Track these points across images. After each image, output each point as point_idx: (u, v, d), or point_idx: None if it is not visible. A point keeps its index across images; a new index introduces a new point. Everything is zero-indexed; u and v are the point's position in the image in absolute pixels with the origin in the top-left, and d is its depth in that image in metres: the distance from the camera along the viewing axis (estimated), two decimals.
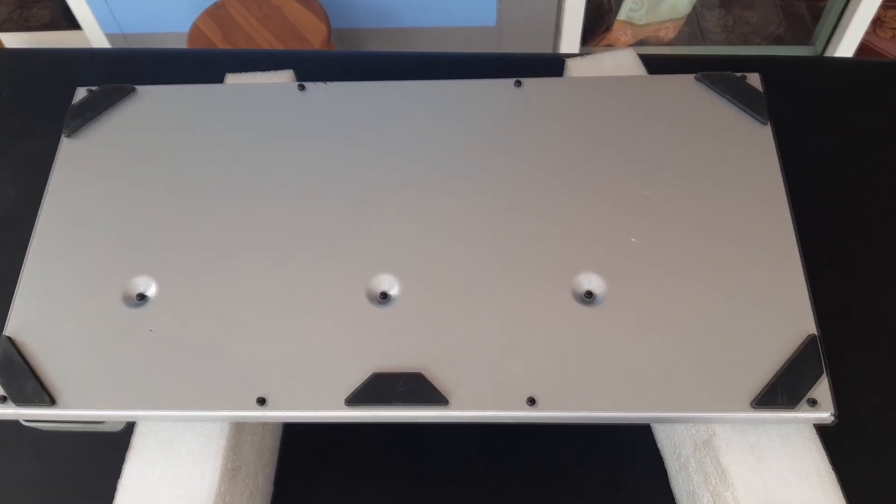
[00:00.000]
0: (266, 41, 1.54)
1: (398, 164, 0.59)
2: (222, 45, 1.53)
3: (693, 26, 2.13)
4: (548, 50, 1.89)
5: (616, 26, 1.96)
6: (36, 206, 0.58)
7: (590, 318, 0.52)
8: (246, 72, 0.71)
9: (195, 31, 1.56)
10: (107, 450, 0.59)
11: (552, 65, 0.76)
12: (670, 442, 0.57)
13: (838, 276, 0.67)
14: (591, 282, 0.53)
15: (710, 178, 0.57)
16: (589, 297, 0.53)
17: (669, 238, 0.54)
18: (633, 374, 0.50)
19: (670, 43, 2.05)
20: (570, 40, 1.81)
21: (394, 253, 0.55)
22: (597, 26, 1.96)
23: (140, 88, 0.62)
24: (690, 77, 0.61)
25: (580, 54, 0.72)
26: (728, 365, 0.50)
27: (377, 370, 0.50)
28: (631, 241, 0.54)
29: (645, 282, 0.53)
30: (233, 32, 1.56)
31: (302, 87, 0.62)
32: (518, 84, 0.62)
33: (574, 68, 0.70)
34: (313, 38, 1.53)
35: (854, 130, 0.75)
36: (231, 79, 0.70)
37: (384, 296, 0.53)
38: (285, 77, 0.69)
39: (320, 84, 0.62)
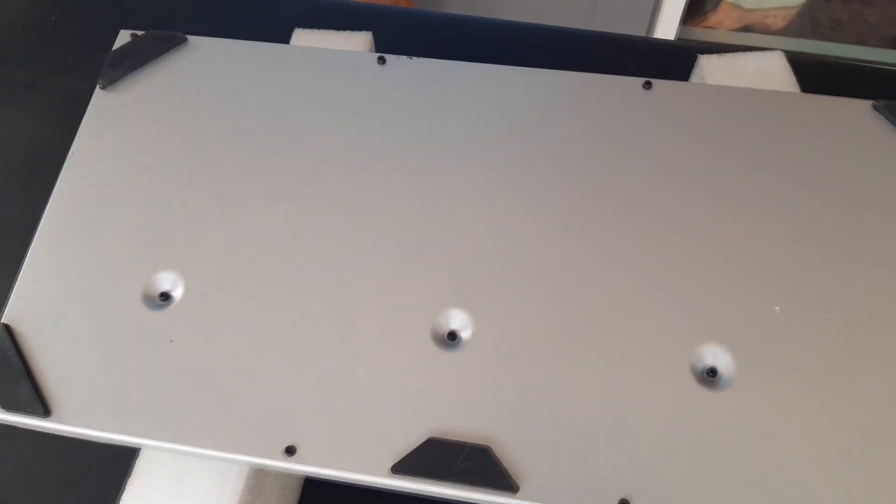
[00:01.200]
0: None
1: (490, 171, 0.48)
2: None
3: (804, 17, 1.93)
4: (643, 25, 1.72)
5: (722, 7, 1.78)
6: (67, 150, 0.49)
7: (710, 404, 0.41)
8: (317, 28, 0.60)
9: None
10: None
11: (676, 56, 0.64)
12: None
13: None
14: (716, 357, 0.42)
15: (883, 240, 0.44)
16: (712, 376, 0.42)
17: (825, 314, 0.43)
18: (760, 481, 0.39)
19: (777, 33, 1.86)
20: (669, 19, 1.64)
21: (472, 284, 0.44)
22: (700, 4, 1.79)
23: (192, 39, 0.52)
24: (866, 104, 0.48)
25: (716, 51, 0.59)
26: (887, 488, 0.39)
27: (434, 433, 0.40)
28: (773, 311, 0.43)
29: (785, 364, 0.41)
30: None
31: (382, 61, 0.51)
32: (648, 86, 0.50)
33: (707, 68, 0.58)
34: None
35: None
36: (299, 35, 0.59)
37: (453, 336, 0.43)
38: (362, 40, 0.59)
39: (403, 58, 0.51)
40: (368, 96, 0.50)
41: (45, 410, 0.42)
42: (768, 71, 0.58)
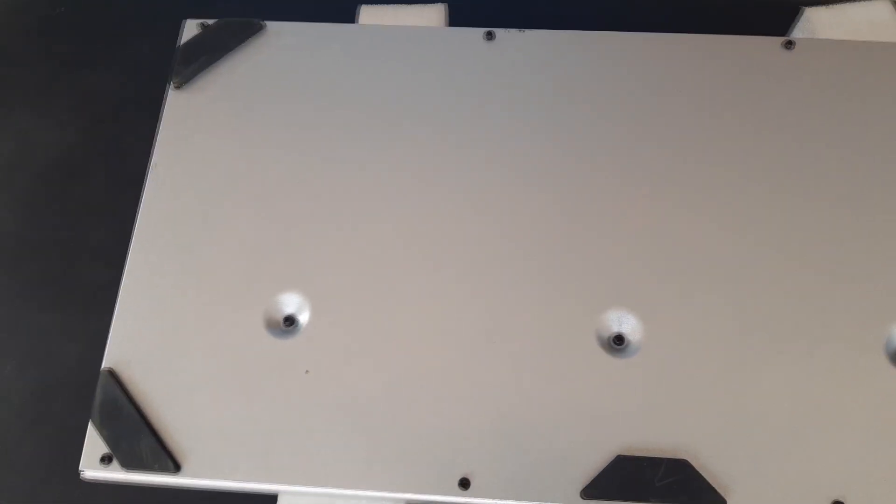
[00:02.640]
0: None
1: (635, 149, 0.43)
2: None
3: None
4: None
5: None
6: (101, 156, 0.43)
7: None
8: (384, 3, 0.54)
9: None
10: None
11: (778, 8, 0.59)
12: None
13: None
14: None
15: None
16: None
17: None
18: None
19: None
20: None
21: (634, 279, 0.40)
22: None
23: (271, 25, 0.46)
24: None
25: (822, 2, 0.55)
26: None
27: (622, 450, 0.37)
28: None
29: None
30: None
31: (490, 36, 0.46)
32: (790, 46, 0.45)
33: (816, 20, 0.54)
34: None
35: None
36: (367, 13, 0.53)
37: (620, 340, 0.39)
38: (436, 14, 0.53)
39: (514, 31, 0.46)
40: (481, 77, 0.45)
41: (174, 466, 0.36)
42: (876, 21, 0.54)
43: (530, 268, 0.40)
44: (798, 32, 0.57)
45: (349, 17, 0.52)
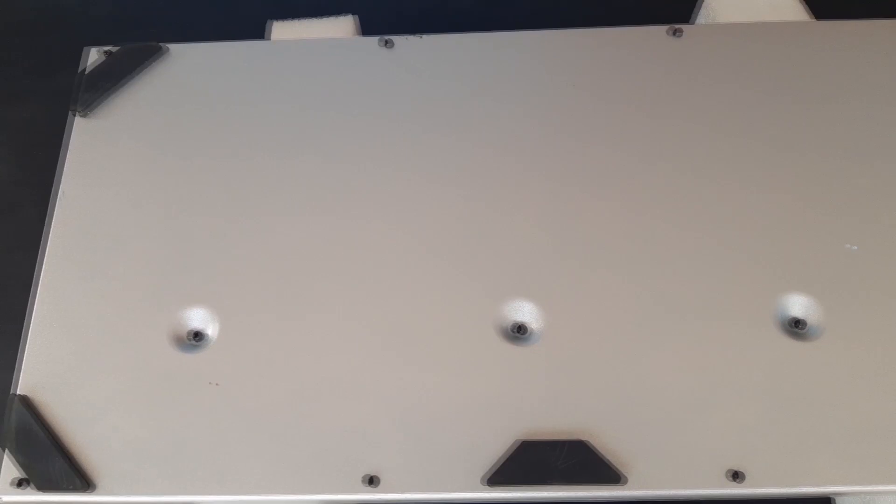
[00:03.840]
0: None
1: (529, 147, 0.44)
2: None
3: None
4: None
5: None
6: (35, 188, 0.43)
7: (802, 357, 0.39)
8: (292, 18, 0.55)
9: None
10: None
11: None
12: None
13: None
14: (800, 306, 0.40)
15: None
16: (799, 328, 0.39)
17: None
18: (867, 430, 0.37)
19: None
20: None
21: (531, 270, 0.41)
22: None
23: (173, 48, 0.47)
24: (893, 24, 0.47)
25: None
26: None
27: (523, 436, 0.37)
28: (846, 249, 0.41)
29: (870, 303, 0.40)
30: None
31: (389, 44, 0.47)
32: (677, 33, 0.47)
33: (716, 6, 0.55)
34: None
35: None
36: (278, 28, 0.54)
37: (520, 329, 0.40)
38: (347, 25, 0.54)
39: (413, 38, 0.47)
40: (380, 85, 0.46)
41: (85, 484, 0.37)
42: (778, 3, 0.56)
43: (430, 264, 0.41)
44: (700, 19, 0.58)
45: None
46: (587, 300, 0.40)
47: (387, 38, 0.47)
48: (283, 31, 0.54)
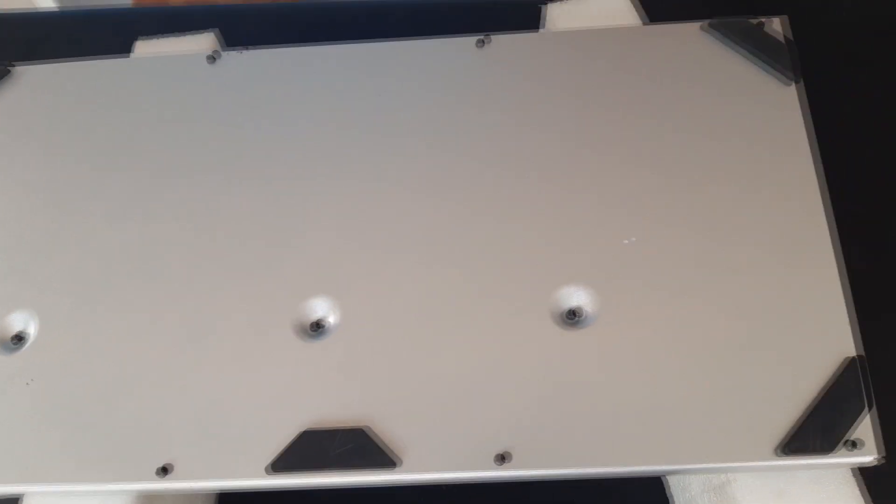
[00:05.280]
0: None
1: (331, 153, 0.47)
2: None
3: None
4: None
5: None
6: None
7: (574, 345, 0.41)
8: (161, 35, 0.58)
9: None
10: None
11: (526, 12, 0.63)
12: (676, 478, 0.48)
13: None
14: (575, 297, 0.42)
15: (721, 158, 0.45)
16: (573, 318, 0.42)
17: (672, 238, 0.43)
18: (628, 417, 0.39)
19: None
20: None
21: (329, 269, 0.44)
22: None
23: (18, 69, 0.50)
24: (695, 26, 0.49)
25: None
26: (748, 399, 0.39)
27: (310, 426, 0.40)
28: (624, 243, 0.43)
29: (643, 295, 0.42)
30: None
31: (212, 59, 0.50)
32: (482, 43, 0.49)
33: (554, 17, 0.57)
34: None
35: None
36: (141, 45, 0.57)
37: (318, 326, 0.43)
38: (206, 41, 0.57)
39: (234, 52, 0.50)
40: (202, 98, 0.49)
41: None
42: (613, 10, 0.58)
43: (231, 265, 0.44)
44: (543, 29, 0.61)
45: None
46: (379, 295, 0.43)
47: (212, 53, 0.50)
48: (144, 48, 0.57)
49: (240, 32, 0.60)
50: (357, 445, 0.39)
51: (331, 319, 0.43)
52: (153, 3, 1.37)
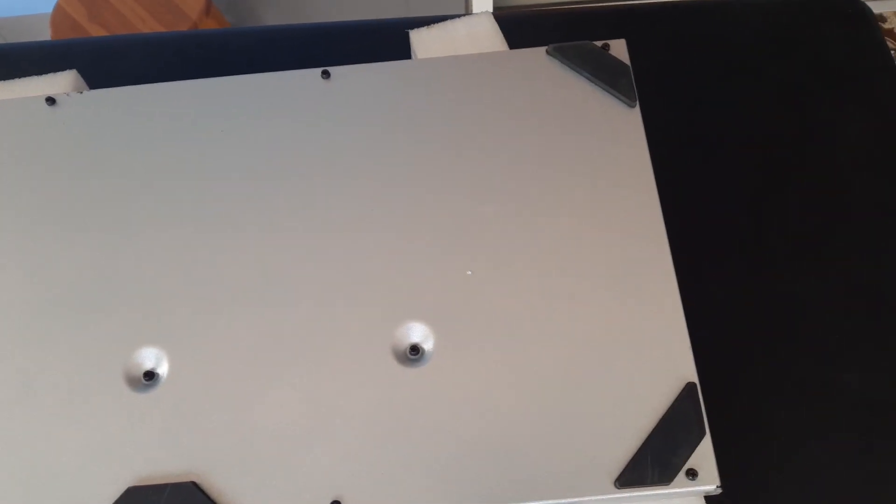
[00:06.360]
0: (139, 18, 1.37)
1: (165, 196, 0.45)
2: (89, 26, 1.35)
3: None
4: (461, 8, 1.72)
5: None
6: None
7: (415, 382, 0.40)
8: (25, 74, 0.56)
9: (58, 11, 1.38)
10: None
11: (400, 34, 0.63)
12: None
13: (751, 266, 0.55)
14: (416, 333, 0.42)
15: (565, 185, 0.45)
16: (415, 354, 0.41)
17: (514, 268, 0.43)
18: (469, 454, 0.39)
19: None
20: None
21: (156, 317, 0.42)
22: None
23: None
24: (541, 51, 0.49)
25: (429, 23, 0.59)
26: (590, 431, 0.39)
27: (135, 481, 0.38)
28: (466, 275, 0.43)
29: (483, 329, 0.41)
30: (101, 10, 1.39)
31: (51, 101, 0.48)
32: (326, 75, 0.48)
33: (419, 43, 0.57)
34: (190, 9, 1.36)
35: (764, 82, 0.63)
36: (1, 89, 0.55)
37: (150, 376, 0.41)
38: (66, 80, 0.55)
39: (74, 95, 0.49)
40: (40, 142, 0.47)
41: None
42: (477, 34, 0.58)
43: (61, 316, 0.42)
44: (414, 56, 0.60)
45: None
46: (212, 342, 0.41)
47: (50, 95, 0.48)
48: (4, 89, 0.55)
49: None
50: (186, 500, 0.38)
51: (161, 369, 0.41)
52: (75, 37, 1.35)
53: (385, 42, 0.60)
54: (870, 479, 0.49)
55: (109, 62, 0.68)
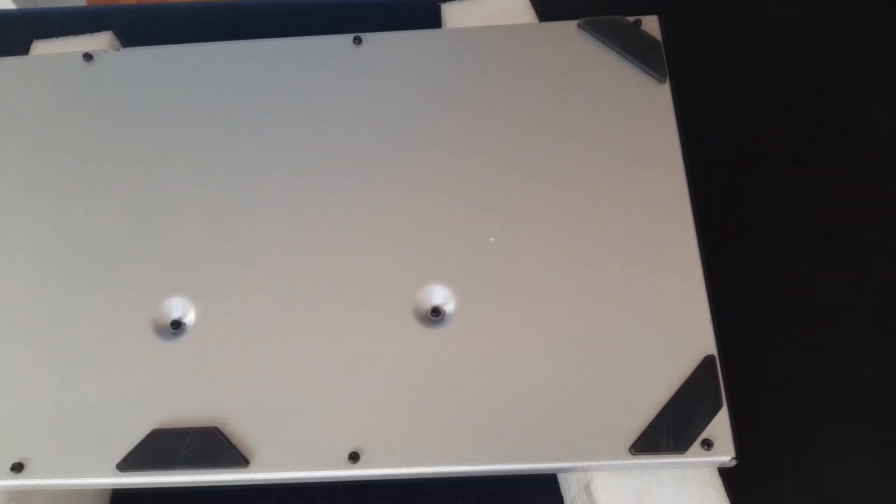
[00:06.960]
0: None
1: (195, 151, 0.46)
2: None
3: None
4: None
5: None
6: None
7: (436, 343, 0.41)
8: (62, 36, 0.58)
9: None
10: None
11: (427, 11, 0.63)
12: (561, 478, 0.47)
13: (771, 253, 0.55)
14: (437, 295, 0.42)
15: (591, 157, 0.45)
16: (437, 316, 0.42)
17: (537, 236, 0.43)
18: (485, 414, 0.39)
19: None
20: None
21: (189, 268, 0.43)
22: None
23: None
24: (572, 24, 0.49)
25: None
26: (608, 397, 0.39)
27: (160, 425, 0.40)
28: (489, 241, 0.43)
29: (505, 293, 0.42)
30: None
31: (89, 58, 0.50)
32: (358, 41, 0.49)
33: (451, 16, 0.57)
34: None
35: (792, 72, 0.63)
36: (37, 46, 0.57)
37: (177, 325, 0.42)
38: (102, 40, 0.56)
39: (110, 51, 0.50)
40: (78, 98, 0.48)
41: None
42: (509, 9, 0.58)
43: (88, 265, 0.44)
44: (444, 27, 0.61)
45: None
46: (238, 294, 0.42)
47: (87, 52, 0.49)
48: (40, 48, 0.57)
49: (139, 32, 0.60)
50: (208, 445, 0.39)
51: (189, 318, 0.42)
52: (106, 3, 1.37)
53: (415, 17, 0.61)
54: (885, 471, 0.49)
55: (143, 27, 0.69)
